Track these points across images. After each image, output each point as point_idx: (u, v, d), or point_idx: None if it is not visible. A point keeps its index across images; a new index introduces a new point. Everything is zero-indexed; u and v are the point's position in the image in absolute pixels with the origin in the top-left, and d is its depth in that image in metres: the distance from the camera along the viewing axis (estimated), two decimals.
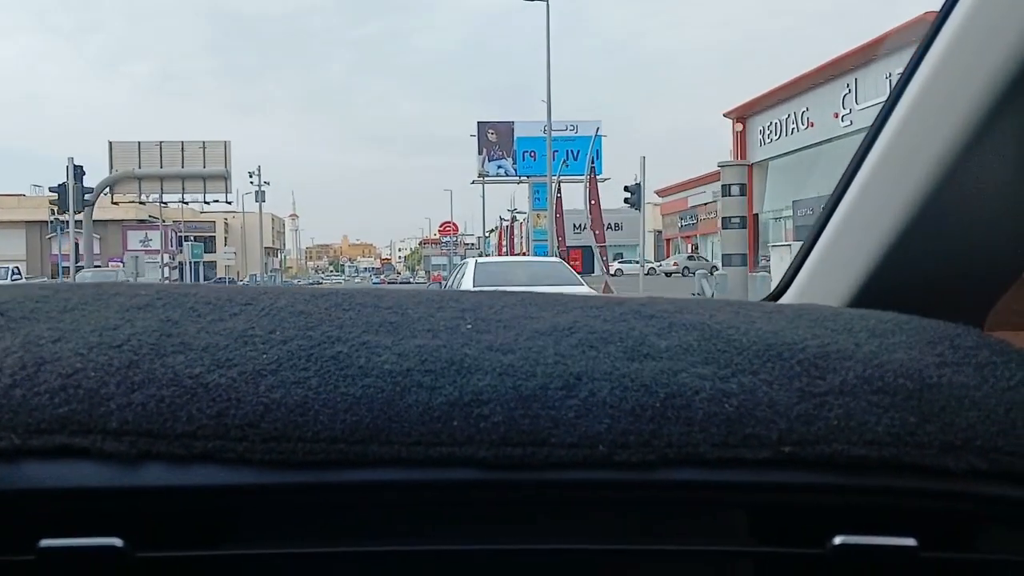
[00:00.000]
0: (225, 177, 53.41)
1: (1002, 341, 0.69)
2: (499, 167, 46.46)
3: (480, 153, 47.04)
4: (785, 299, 1.10)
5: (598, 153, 47.14)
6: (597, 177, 29.14)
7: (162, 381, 0.57)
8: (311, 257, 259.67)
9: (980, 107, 0.81)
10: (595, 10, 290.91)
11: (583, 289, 10.42)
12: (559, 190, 37.38)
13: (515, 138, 46.17)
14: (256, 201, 49.01)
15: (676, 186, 54.85)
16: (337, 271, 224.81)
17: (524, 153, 46.01)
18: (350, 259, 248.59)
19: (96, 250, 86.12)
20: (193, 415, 0.55)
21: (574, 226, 62.97)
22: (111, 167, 55.50)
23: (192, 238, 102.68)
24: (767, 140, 36.36)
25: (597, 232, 28.48)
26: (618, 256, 68.53)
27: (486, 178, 47.75)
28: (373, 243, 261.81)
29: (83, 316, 0.67)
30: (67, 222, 61.41)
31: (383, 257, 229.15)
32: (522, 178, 46.76)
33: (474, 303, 0.75)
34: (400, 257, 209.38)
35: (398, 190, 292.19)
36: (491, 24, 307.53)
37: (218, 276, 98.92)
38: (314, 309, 0.70)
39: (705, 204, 49.28)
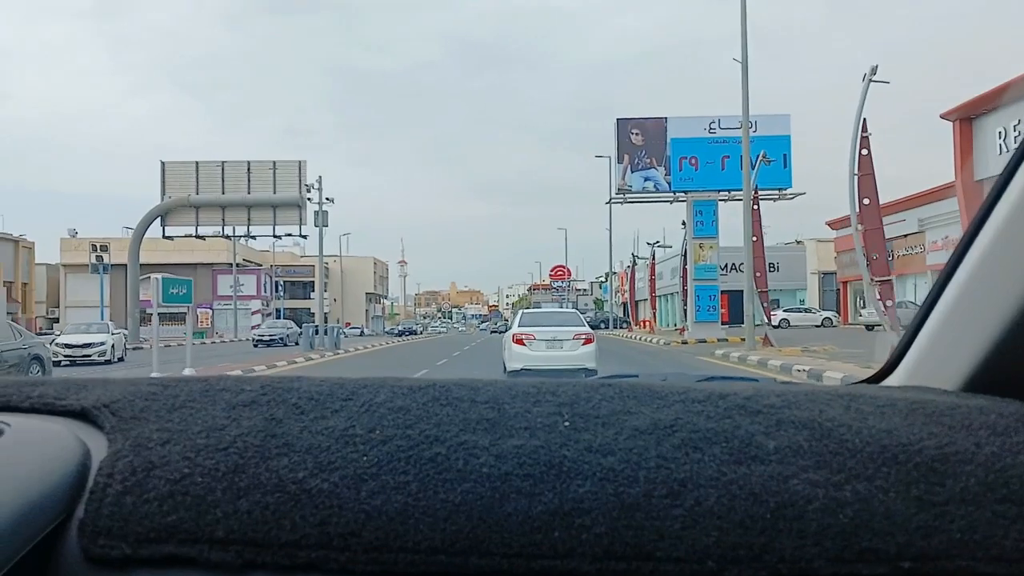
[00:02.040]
0: (298, 205, 42.00)
1: None
2: (646, 179, 32.67)
3: (620, 161, 33.17)
4: (892, 379, 0.98)
5: (785, 158, 33.64)
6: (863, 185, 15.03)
7: (267, 487, 0.57)
8: (419, 304, 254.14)
9: None
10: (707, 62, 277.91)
11: (586, 329, 13.99)
12: (756, 201, 23.93)
13: (668, 140, 32.73)
14: (316, 225, 36.78)
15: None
16: (445, 318, 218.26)
17: (681, 160, 32.32)
18: (457, 306, 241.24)
19: None
20: (297, 523, 0.55)
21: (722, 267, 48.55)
22: (163, 193, 44.73)
23: (284, 283, 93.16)
24: (1013, 145, 22.26)
25: (873, 266, 14.66)
26: (774, 303, 54.47)
27: (628, 195, 33.81)
28: (481, 290, 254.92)
29: (191, 415, 0.66)
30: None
31: (490, 304, 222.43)
32: (677, 194, 33.04)
33: (571, 396, 0.70)
34: (507, 304, 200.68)
35: (507, 238, 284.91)
36: (599, 77, 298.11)
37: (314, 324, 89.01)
38: (412, 404, 0.68)
39: (905, 236, 35.17)
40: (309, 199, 36.59)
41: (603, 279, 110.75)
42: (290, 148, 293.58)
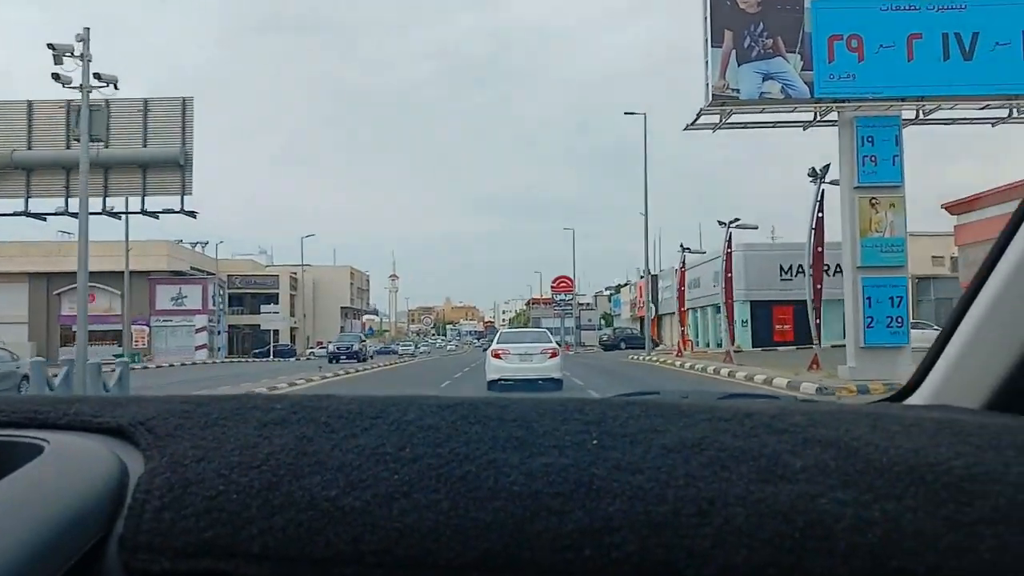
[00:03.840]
0: (180, 163, 26.58)
1: None
2: (767, 77, 16.35)
3: (716, 43, 16.51)
4: (915, 398, 0.96)
5: None
6: None
7: (300, 504, 0.57)
8: (413, 320, 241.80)
9: None
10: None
11: (552, 345, 16.35)
12: None
13: (808, 8, 16.47)
14: (71, 136, 20.89)
15: (997, 192, 24.93)
16: (439, 335, 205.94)
17: (832, 42, 16.15)
18: (452, 322, 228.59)
19: (119, 310, 61.59)
20: (330, 540, 0.55)
21: (781, 268, 32.53)
22: None
23: (242, 296, 77.78)
24: None
25: None
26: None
27: (733, 106, 16.80)
28: (476, 306, 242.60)
29: (224, 432, 0.66)
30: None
31: (486, 320, 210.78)
32: (824, 103, 16.65)
33: (598, 414, 0.70)
34: (504, 320, 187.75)
35: (504, 254, 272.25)
36: (595, 90, 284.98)
37: (276, 344, 73.65)
38: (441, 423, 0.68)
39: None
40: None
41: (612, 291, 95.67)
42: (284, 166, 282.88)
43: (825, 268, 19.23)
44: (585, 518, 0.54)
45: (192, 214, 26.68)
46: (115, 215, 28.66)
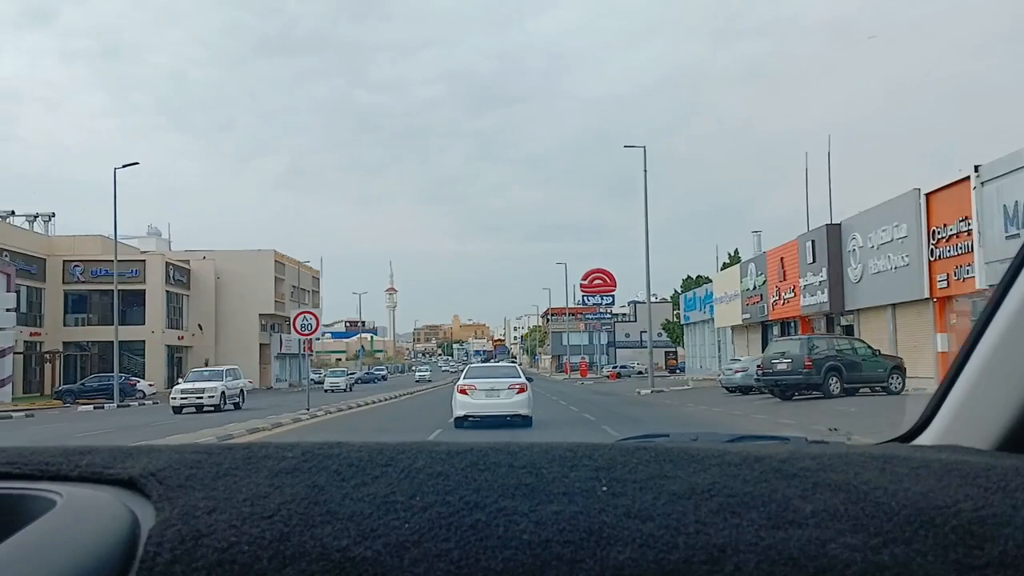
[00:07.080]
0: None
1: None
2: None
3: None
4: (924, 438, 0.94)
5: None
6: None
7: (311, 555, 0.55)
8: (419, 339, 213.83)
9: None
10: (711, 96, 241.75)
11: (521, 380, 15.36)
12: None
13: None
14: None
15: None
16: (445, 354, 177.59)
17: None
18: (460, 341, 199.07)
19: None
20: None
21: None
22: None
23: (83, 295, 44.96)
24: None
25: None
26: None
27: None
28: (486, 323, 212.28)
29: (235, 483, 0.65)
30: None
31: (496, 338, 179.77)
32: None
33: (607, 460, 0.69)
34: (516, 337, 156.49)
35: (515, 275, 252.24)
36: (609, 113, 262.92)
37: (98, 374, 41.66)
38: (451, 470, 0.66)
39: None
40: None
41: (681, 289, 62.83)
42: (295, 189, 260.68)
43: None
44: (596, 567, 0.53)
45: None
46: None
